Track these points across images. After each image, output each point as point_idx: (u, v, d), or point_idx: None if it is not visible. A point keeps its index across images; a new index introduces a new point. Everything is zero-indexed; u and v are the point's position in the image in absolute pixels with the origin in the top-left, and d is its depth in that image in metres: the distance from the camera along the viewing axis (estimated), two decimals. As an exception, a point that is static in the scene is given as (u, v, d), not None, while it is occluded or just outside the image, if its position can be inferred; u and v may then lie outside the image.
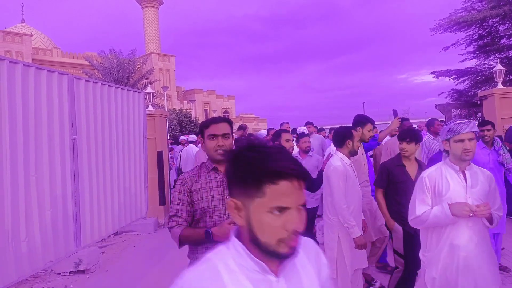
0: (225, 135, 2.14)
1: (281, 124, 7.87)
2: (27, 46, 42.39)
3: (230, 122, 2.23)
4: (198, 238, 2.00)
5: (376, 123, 8.59)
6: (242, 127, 7.77)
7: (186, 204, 2.09)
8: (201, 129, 2.22)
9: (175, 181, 3.27)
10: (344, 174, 3.38)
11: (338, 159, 3.47)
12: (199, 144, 10.12)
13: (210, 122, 2.18)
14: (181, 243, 2.07)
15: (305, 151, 5.31)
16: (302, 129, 7.12)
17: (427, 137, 5.90)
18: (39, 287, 4.71)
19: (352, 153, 3.55)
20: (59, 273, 5.07)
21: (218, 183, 2.12)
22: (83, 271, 5.06)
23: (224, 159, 2.10)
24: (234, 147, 1.23)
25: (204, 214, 2.07)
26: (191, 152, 8.98)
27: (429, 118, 6.65)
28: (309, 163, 5.14)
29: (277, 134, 4.46)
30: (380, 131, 5.64)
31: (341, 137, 3.56)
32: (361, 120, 4.39)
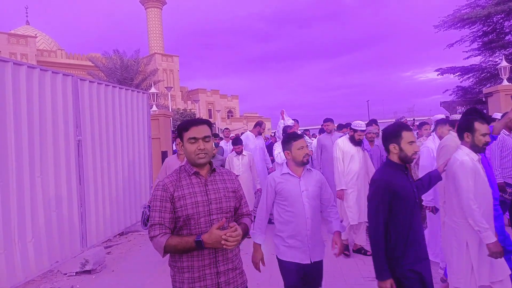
0: (205, 138, 2.04)
1: (370, 122, 6.77)
2: (32, 48, 42.56)
3: (210, 124, 2.14)
4: (187, 247, 1.91)
5: (379, 121, 8.31)
6: (258, 124, 7.50)
7: (169, 211, 1.99)
8: (180, 132, 2.09)
9: None
10: (473, 170, 2.90)
11: (464, 154, 2.98)
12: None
13: (190, 124, 2.07)
14: (165, 253, 1.96)
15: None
16: (360, 123, 5.46)
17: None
18: (45, 288, 4.73)
19: (474, 149, 3.00)
20: (66, 274, 5.08)
21: (200, 188, 2.04)
22: (89, 272, 5.08)
23: (205, 163, 2.04)
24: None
25: (188, 221, 1.98)
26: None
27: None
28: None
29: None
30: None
31: (459, 128, 3.09)
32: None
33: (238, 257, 2.16)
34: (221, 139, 10.00)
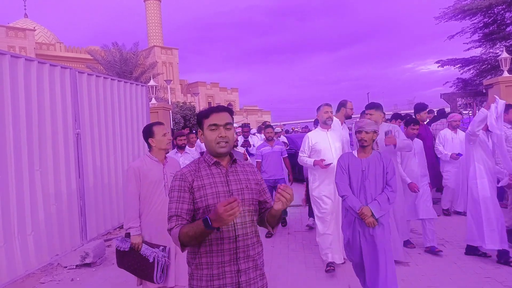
0: (226, 125, 1.94)
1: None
2: (30, 41, 42.37)
3: (231, 112, 2.03)
4: (198, 231, 1.74)
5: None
6: (342, 104, 5.42)
7: (187, 202, 1.88)
8: (200, 120, 2.00)
9: None
10: None
11: None
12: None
13: (210, 111, 1.97)
14: (182, 244, 1.83)
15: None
16: None
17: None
18: (46, 281, 4.74)
19: None
20: (66, 267, 5.10)
21: (221, 179, 1.94)
22: (89, 264, 5.09)
23: (226, 153, 1.94)
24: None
25: (207, 213, 1.84)
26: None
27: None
28: None
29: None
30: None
31: None
32: None
33: (260, 256, 2.01)
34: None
